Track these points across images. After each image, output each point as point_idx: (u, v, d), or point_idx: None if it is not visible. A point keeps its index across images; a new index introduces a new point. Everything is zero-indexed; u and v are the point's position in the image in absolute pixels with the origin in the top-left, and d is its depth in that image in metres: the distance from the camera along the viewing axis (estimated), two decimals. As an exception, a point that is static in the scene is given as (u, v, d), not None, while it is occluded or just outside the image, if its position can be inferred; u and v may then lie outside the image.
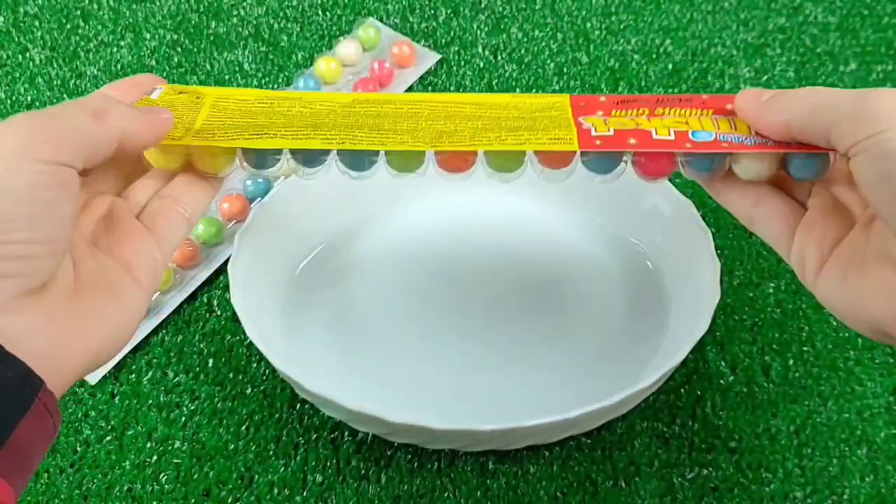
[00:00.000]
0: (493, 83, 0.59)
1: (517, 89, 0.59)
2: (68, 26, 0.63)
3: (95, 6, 0.65)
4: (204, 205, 0.33)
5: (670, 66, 0.60)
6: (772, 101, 0.31)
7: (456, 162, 0.33)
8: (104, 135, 0.27)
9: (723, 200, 0.34)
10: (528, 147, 0.32)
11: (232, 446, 0.42)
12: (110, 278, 0.29)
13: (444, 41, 0.62)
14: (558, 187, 0.48)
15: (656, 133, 0.32)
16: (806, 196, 0.33)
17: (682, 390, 0.44)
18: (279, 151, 0.33)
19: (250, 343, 0.45)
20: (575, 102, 0.34)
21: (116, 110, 0.28)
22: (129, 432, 0.43)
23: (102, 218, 0.31)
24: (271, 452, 0.42)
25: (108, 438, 0.42)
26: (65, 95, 0.58)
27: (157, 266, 0.31)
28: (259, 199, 0.49)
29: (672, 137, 0.32)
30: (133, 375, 0.45)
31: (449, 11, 0.64)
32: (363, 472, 0.41)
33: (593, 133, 0.32)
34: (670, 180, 0.44)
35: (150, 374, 0.45)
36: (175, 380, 0.45)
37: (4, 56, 0.61)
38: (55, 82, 0.60)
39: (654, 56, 0.61)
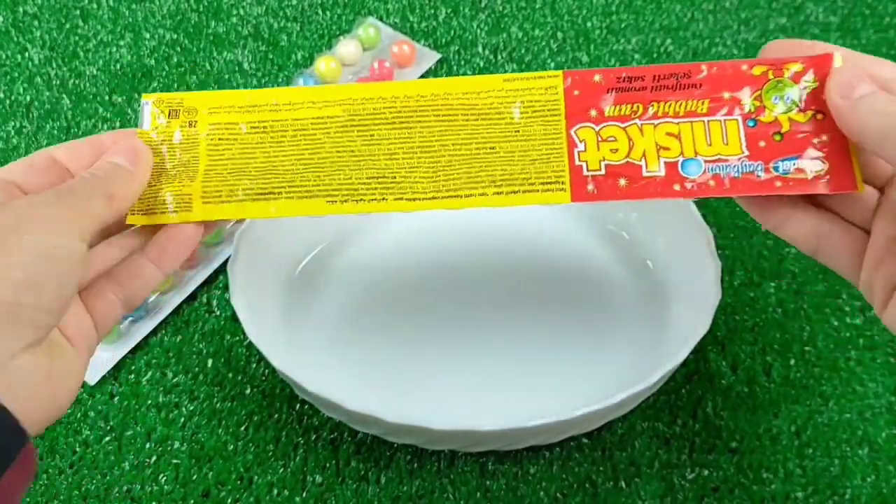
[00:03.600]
0: (493, 83, 0.59)
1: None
2: (67, 26, 0.63)
3: (95, 6, 0.65)
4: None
5: (671, 66, 0.60)
6: (859, 105, 0.29)
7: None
8: (114, 216, 0.30)
9: (784, 235, 0.33)
10: (521, 201, 0.33)
11: (231, 447, 0.42)
12: (58, 338, 0.30)
13: (443, 40, 0.62)
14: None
15: (646, 167, 0.32)
16: (868, 218, 0.31)
17: (683, 390, 0.43)
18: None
19: (250, 343, 0.45)
20: (569, 92, 0.34)
21: (125, 189, 0.31)
22: (128, 433, 0.43)
23: None
24: (270, 453, 0.42)
25: (107, 439, 0.42)
26: (64, 95, 0.58)
27: (91, 339, 0.31)
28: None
29: (662, 173, 0.32)
30: (132, 376, 0.45)
31: (449, 11, 0.64)
32: (363, 472, 0.41)
33: (585, 171, 0.32)
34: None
35: (149, 374, 0.45)
36: (174, 380, 0.44)
37: (3, 56, 0.61)
38: (54, 82, 0.59)
39: (655, 56, 0.61)
